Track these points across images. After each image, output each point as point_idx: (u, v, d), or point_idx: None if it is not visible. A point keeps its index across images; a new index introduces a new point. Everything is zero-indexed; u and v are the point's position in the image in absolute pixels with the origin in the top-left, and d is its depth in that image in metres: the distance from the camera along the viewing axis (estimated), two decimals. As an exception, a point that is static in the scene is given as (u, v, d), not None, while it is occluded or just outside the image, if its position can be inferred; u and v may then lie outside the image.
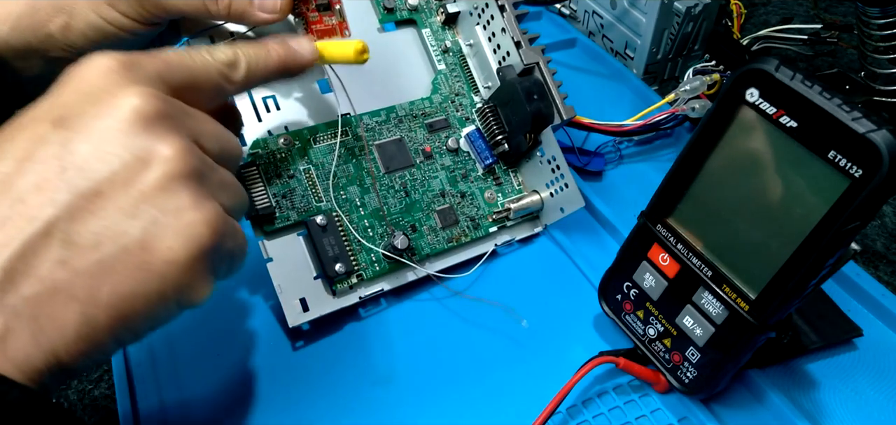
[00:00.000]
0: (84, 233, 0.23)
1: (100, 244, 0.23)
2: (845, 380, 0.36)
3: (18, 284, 0.22)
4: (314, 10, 0.35)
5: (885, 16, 0.52)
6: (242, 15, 0.33)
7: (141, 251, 0.24)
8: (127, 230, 0.24)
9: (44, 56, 0.37)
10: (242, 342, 0.35)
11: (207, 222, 0.25)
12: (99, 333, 0.23)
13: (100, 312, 0.23)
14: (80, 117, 0.24)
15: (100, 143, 0.24)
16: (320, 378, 0.34)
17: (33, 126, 0.24)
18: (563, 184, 0.40)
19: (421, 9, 0.45)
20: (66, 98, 0.25)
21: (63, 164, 0.23)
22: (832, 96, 0.26)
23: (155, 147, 0.24)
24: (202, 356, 0.35)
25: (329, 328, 0.37)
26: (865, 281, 0.41)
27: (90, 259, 0.23)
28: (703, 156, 0.31)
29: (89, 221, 0.23)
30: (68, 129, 0.24)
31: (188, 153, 0.25)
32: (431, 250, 0.39)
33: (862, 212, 0.26)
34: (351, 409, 0.33)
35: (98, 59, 0.25)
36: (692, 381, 0.33)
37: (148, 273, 0.24)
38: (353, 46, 0.33)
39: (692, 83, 0.49)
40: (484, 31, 0.43)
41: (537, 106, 0.39)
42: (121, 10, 0.34)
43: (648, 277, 0.34)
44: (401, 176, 0.40)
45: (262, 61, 0.31)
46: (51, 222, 0.23)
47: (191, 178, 0.25)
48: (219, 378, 0.34)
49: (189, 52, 0.28)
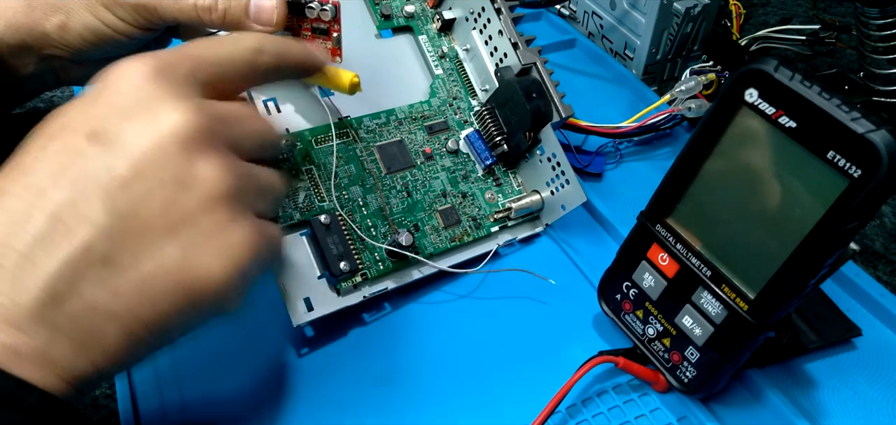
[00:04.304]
0: (123, 254, 0.23)
1: (139, 264, 0.23)
2: (844, 380, 0.36)
3: (62, 302, 0.22)
4: (308, 29, 0.34)
5: (884, 16, 0.52)
6: (237, 25, 0.33)
7: (180, 271, 0.24)
8: (166, 251, 0.24)
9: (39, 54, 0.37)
10: (245, 341, 0.35)
11: (246, 241, 0.25)
12: (138, 346, 0.24)
13: (140, 328, 0.24)
14: (117, 134, 0.24)
15: (138, 164, 0.23)
16: (322, 377, 0.34)
17: (66, 137, 0.24)
18: (564, 180, 0.40)
19: (417, 16, 0.45)
20: (101, 110, 0.24)
21: (100, 183, 0.23)
22: (831, 96, 0.26)
23: (194, 169, 0.24)
24: (204, 356, 0.35)
25: (331, 327, 0.37)
26: (864, 281, 0.41)
27: (130, 279, 0.23)
28: (702, 156, 0.31)
29: (128, 242, 0.23)
30: (104, 146, 0.23)
31: (227, 172, 0.25)
32: (434, 249, 0.39)
33: (861, 212, 0.26)
34: (352, 408, 0.33)
35: (131, 66, 0.25)
36: (691, 381, 0.33)
37: (187, 292, 0.24)
38: (349, 78, 0.34)
39: (688, 83, 0.50)
40: (480, 35, 0.44)
41: (537, 104, 0.40)
42: (118, 15, 0.34)
43: (648, 277, 0.34)
44: (402, 176, 0.40)
45: (284, 52, 0.30)
46: (90, 242, 0.22)
47: (230, 198, 0.25)
48: (220, 378, 0.34)
49: (218, 43, 0.28)
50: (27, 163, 0.23)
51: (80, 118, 0.24)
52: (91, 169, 0.23)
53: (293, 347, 0.35)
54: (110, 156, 0.23)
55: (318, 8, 0.32)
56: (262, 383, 0.34)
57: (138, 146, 0.23)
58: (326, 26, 0.33)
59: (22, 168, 0.23)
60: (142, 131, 0.24)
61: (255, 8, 0.32)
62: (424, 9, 0.45)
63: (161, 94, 0.24)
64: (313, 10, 0.33)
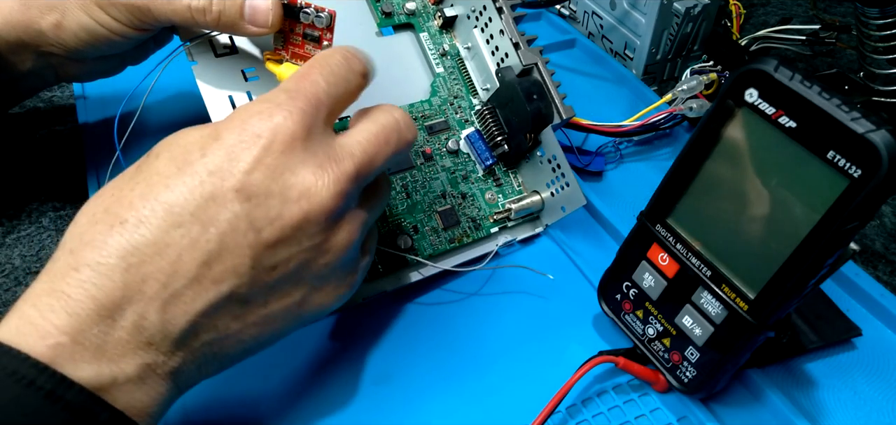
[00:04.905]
0: (257, 296, 0.26)
1: (268, 304, 0.27)
2: (844, 380, 0.36)
3: (200, 334, 0.25)
4: (300, 34, 0.33)
5: (884, 16, 0.52)
6: (232, 27, 0.32)
7: (298, 307, 0.28)
8: (293, 295, 0.27)
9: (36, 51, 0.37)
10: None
11: (354, 285, 0.31)
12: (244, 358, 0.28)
13: (255, 347, 0.28)
14: (267, 198, 0.25)
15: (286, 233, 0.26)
16: (320, 377, 0.34)
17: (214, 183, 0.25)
18: (565, 183, 0.40)
19: (418, 13, 0.45)
20: (250, 166, 0.25)
21: (249, 243, 0.25)
22: (831, 96, 0.26)
23: (333, 239, 0.27)
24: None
25: (330, 328, 0.37)
26: (864, 281, 0.41)
27: (258, 314, 0.27)
28: (702, 156, 0.31)
29: (263, 288, 0.26)
30: (255, 206, 0.25)
31: (357, 234, 0.29)
32: (434, 251, 0.39)
33: (861, 212, 0.26)
34: (351, 409, 0.33)
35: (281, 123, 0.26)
36: (691, 381, 0.33)
37: (299, 319, 0.28)
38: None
39: (689, 83, 0.50)
40: (482, 34, 0.43)
41: (537, 106, 0.40)
42: (112, 15, 0.34)
43: (648, 277, 0.34)
44: (401, 177, 0.40)
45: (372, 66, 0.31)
46: (233, 291, 0.25)
47: (354, 253, 0.29)
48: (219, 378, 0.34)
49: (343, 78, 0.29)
50: (168, 198, 0.24)
51: (226, 167, 0.25)
52: (240, 227, 0.25)
53: (292, 348, 0.35)
54: (259, 216, 0.25)
55: (314, 14, 0.32)
56: (261, 384, 0.34)
57: (289, 216, 0.26)
58: (318, 33, 0.33)
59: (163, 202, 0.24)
60: (292, 202, 0.26)
61: (250, 9, 0.32)
62: (426, 6, 0.45)
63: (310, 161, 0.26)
64: (308, 16, 0.32)
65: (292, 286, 0.27)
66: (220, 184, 0.25)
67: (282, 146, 0.25)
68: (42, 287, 0.23)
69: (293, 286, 0.27)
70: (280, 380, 0.34)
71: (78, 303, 0.23)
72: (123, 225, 0.24)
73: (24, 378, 0.21)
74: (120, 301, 0.23)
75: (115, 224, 0.24)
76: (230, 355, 0.27)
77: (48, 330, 0.22)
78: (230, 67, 0.36)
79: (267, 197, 0.25)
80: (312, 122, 0.27)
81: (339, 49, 0.30)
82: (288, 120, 0.26)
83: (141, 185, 0.25)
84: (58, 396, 0.21)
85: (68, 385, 0.22)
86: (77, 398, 0.22)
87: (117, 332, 0.23)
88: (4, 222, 0.44)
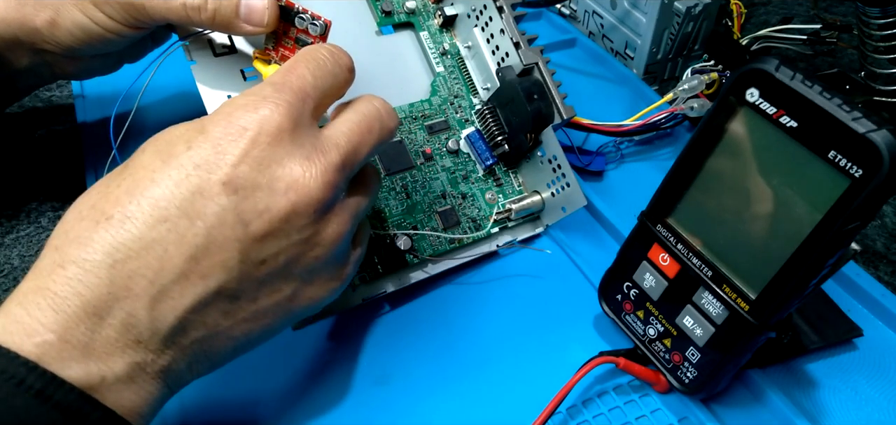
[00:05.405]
0: (247, 292, 0.26)
1: (258, 299, 0.26)
2: (845, 380, 0.36)
3: (189, 331, 0.25)
4: (292, 38, 0.33)
5: (885, 16, 0.52)
6: (227, 25, 0.32)
7: (288, 302, 0.28)
8: (283, 289, 0.27)
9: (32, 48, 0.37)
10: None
11: (345, 278, 0.30)
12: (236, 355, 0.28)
13: (246, 344, 0.27)
14: (254, 191, 0.25)
15: (274, 226, 0.25)
16: (321, 378, 0.34)
17: (201, 176, 0.24)
18: (565, 183, 0.40)
19: (418, 12, 0.45)
20: (236, 158, 0.25)
21: (236, 236, 0.25)
22: (832, 96, 0.26)
23: (323, 232, 0.27)
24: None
25: (331, 329, 0.37)
26: (865, 281, 0.41)
27: (248, 309, 0.26)
28: (702, 156, 0.31)
29: (253, 283, 0.26)
30: (242, 199, 0.25)
31: (348, 226, 0.28)
32: (434, 251, 0.39)
33: (862, 212, 0.26)
34: (351, 409, 0.33)
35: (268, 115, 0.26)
36: (692, 381, 0.33)
37: (290, 314, 0.28)
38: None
39: (690, 82, 0.50)
40: (482, 33, 0.43)
41: (537, 106, 0.39)
42: (107, 13, 0.34)
43: (648, 277, 0.34)
44: (401, 178, 0.40)
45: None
46: (222, 287, 0.25)
47: (344, 246, 0.29)
48: (219, 378, 0.34)
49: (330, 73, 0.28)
50: (154, 193, 0.24)
51: (213, 160, 0.25)
52: (227, 220, 0.24)
53: (291, 348, 0.35)
54: (246, 209, 0.25)
55: (309, 20, 0.32)
56: (262, 384, 0.34)
57: (277, 209, 0.25)
58: (311, 41, 0.32)
59: (149, 197, 0.24)
60: (280, 194, 0.25)
61: (246, 8, 0.32)
62: (426, 5, 0.45)
63: (298, 154, 0.26)
64: (303, 21, 0.32)
65: (282, 280, 0.27)
66: (206, 178, 0.24)
67: (268, 139, 0.25)
68: (29, 285, 0.23)
69: (283, 280, 0.27)
70: (279, 381, 0.34)
71: (64, 301, 0.23)
72: (109, 221, 0.24)
73: (13, 377, 0.21)
74: (107, 298, 0.23)
75: (101, 220, 0.24)
76: (221, 353, 0.27)
77: (35, 328, 0.22)
78: (229, 67, 0.36)
79: (254, 189, 0.25)
80: (299, 115, 0.26)
81: (325, 45, 0.30)
82: (274, 112, 0.26)
83: (127, 181, 0.25)
84: (48, 395, 0.21)
85: (58, 384, 0.22)
86: (67, 397, 0.22)
87: (105, 331, 0.23)
88: (3, 222, 0.44)
